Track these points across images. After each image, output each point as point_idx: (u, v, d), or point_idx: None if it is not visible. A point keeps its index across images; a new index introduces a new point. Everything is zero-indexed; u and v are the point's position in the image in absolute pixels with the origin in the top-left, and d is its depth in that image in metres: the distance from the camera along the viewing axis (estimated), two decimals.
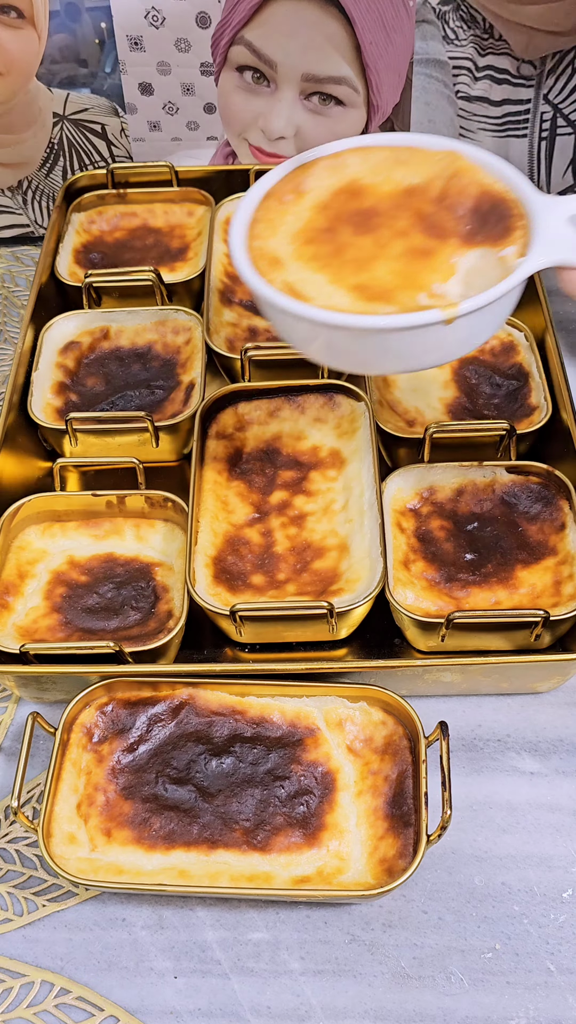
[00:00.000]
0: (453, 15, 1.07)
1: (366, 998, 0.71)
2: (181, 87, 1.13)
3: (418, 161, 0.74)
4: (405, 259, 0.70)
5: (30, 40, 1.09)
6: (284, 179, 0.74)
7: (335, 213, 0.73)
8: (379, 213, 0.72)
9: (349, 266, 0.70)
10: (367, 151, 0.75)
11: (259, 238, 0.71)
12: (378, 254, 0.70)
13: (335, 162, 0.74)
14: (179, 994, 0.71)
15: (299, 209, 0.73)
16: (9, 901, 0.76)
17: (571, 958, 0.72)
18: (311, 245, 0.71)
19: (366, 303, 0.68)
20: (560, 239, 0.68)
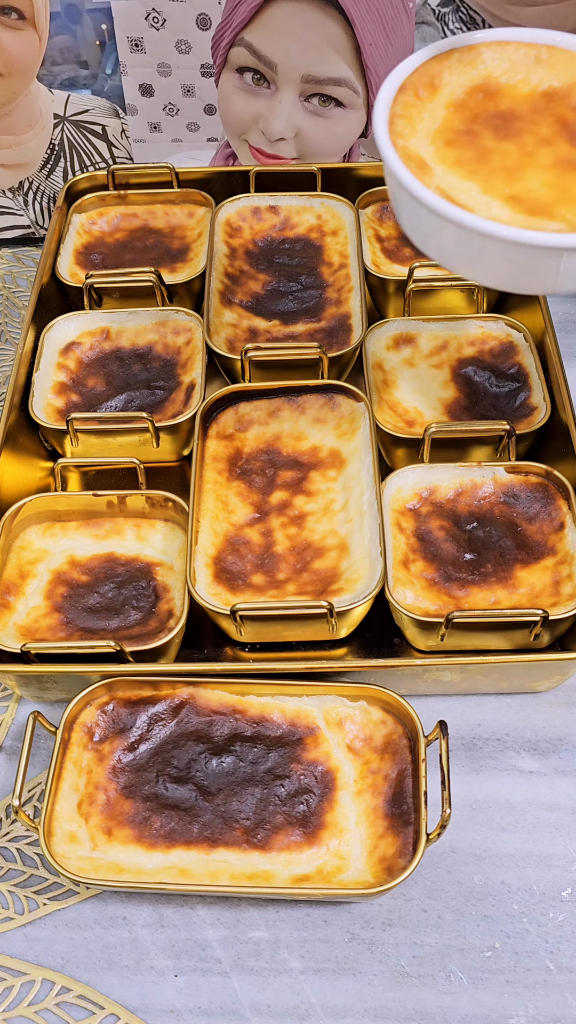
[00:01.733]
0: (452, 17, 1.07)
1: (366, 997, 0.71)
2: (181, 88, 1.13)
3: (560, 62, 0.70)
4: (555, 170, 0.66)
5: (31, 41, 1.09)
6: (417, 70, 0.69)
7: (472, 114, 0.69)
8: (519, 117, 0.69)
9: (498, 174, 0.66)
10: (504, 45, 0.70)
11: (401, 136, 0.67)
12: (526, 162, 0.66)
13: (470, 55, 0.70)
14: (179, 993, 0.72)
15: (434, 106, 0.69)
16: (10, 900, 0.76)
17: (570, 957, 0.72)
18: (453, 148, 0.67)
19: (528, 216, 0.64)
20: None
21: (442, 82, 0.69)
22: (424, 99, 0.69)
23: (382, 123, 0.66)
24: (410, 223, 0.68)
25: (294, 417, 0.95)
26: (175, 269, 1.09)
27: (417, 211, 0.64)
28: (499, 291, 0.71)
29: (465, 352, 1.00)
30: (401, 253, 1.10)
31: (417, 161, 0.66)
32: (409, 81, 0.69)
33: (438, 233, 0.65)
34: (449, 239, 0.65)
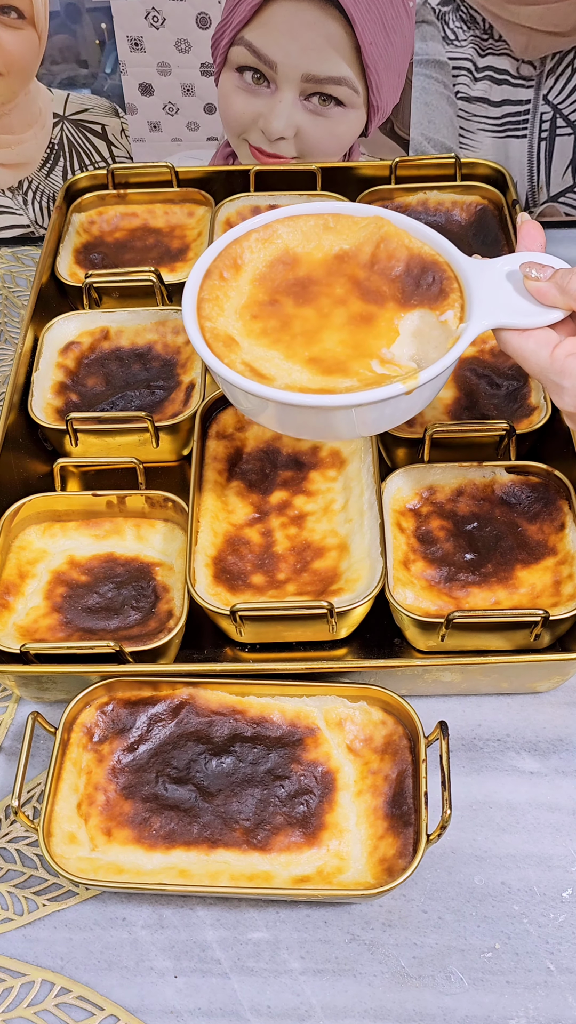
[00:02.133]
0: (453, 16, 1.07)
1: (366, 997, 0.71)
2: (181, 88, 1.13)
3: (345, 227, 0.77)
4: (349, 328, 0.74)
5: (30, 40, 1.09)
6: (219, 255, 0.76)
7: (274, 285, 0.76)
8: (315, 281, 0.76)
9: (299, 340, 0.74)
10: (295, 220, 0.78)
11: (209, 319, 0.74)
12: (323, 324, 0.74)
13: (266, 233, 0.77)
14: (179, 993, 0.71)
15: (239, 284, 0.76)
16: (9, 900, 0.76)
17: (571, 958, 0.72)
18: (258, 320, 0.75)
19: (325, 377, 0.72)
20: (496, 302, 0.71)
21: (244, 261, 0.76)
22: (229, 279, 0.76)
23: (190, 311, 0.74)
24: (229, 395, 0.76)
25: None
26: (175, 268, 1.09)
27: (229, 387, 0.73)
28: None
29: (465, 352, 0.99)
30: None
31: (225, 339, 0.73)
32: (214, 266, 0.76)
33: (249, 401, 0.72)
34: (258, 406, 0.73)
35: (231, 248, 0.77)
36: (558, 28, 1.06)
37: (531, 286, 0.70)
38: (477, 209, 1.13)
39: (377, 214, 0.77)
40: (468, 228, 1.13)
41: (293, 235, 0.78)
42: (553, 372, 0.68)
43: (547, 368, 0.68)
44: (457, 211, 1.13)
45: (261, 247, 0.77)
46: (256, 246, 0.77)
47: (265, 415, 0.74)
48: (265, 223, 0.78)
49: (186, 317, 0.73)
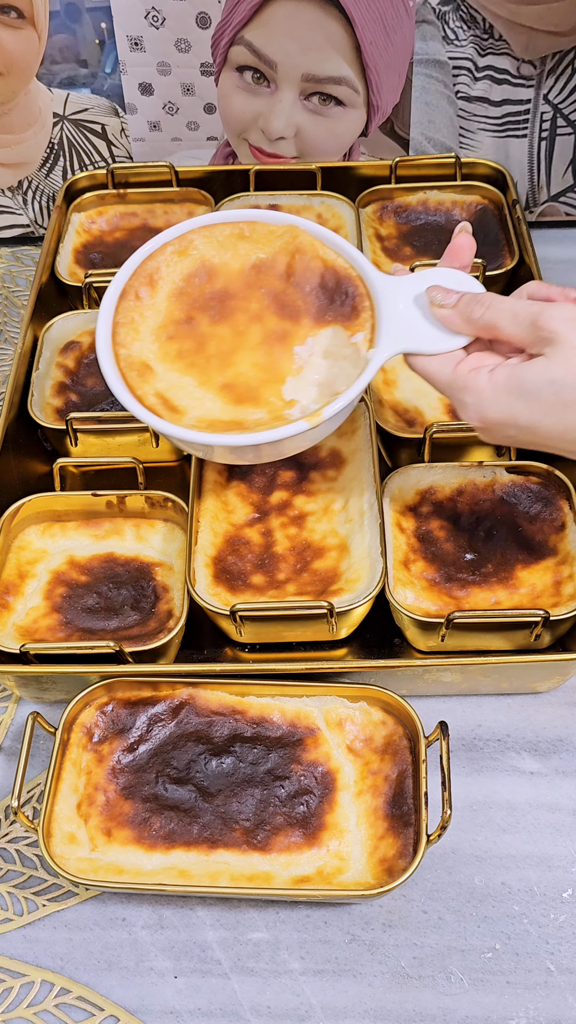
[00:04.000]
0: (453, 15, 1.07)
1: (366, 998, 0.71)
2: (181, 87, 1.13)
3: (261, 235, 0.77)
4: (264, 347, 0.75)
5: (30, 40, 1.09)
6: (134, 274, 0.76)
7: (191, 300, 0.76)
8: (232, 295, 0.76)
9: (213, 363, 0.74)
10: (211, 229, 0.77)
11: (124, 345, 0.74)
12: (238, 344, 0.75)
13: (181, 245, 0.77)
14: (179, 994, 0.71)
15: (156, 302, 0.76)
16: (9, 901, 0.76)
17: (571, 958, 0.72)
18: (174, 341, 0.75)
19: (236, 407, 0.73)
20: (404, 325, 0.72)
21: (161, 276, 0.76)
22: (144, 299, 0.75)
23: (104, 338, 0.74)
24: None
25: None
26: None
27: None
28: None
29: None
30: (401, 253, 1.10)
31: (139, 367, 0.73)
32: (129, 285, 0.75)
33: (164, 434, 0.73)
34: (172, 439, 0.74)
35: (147, 264, 0.76)
36: (558, 28, 1.06)
37: (437, 312, 0.71)
38: (477, 209, 1.13)
39: (291, 223, 0.77)
40: None
41: (209, 245, 0.77)
42: (455, 388, 0.69)
43: (450, 384, 0.69)
44: (457, 211, 1.13)
45: (177, 260, 0.77)
46: (172, 259, 0.77)
47: (176, 443, 0.76)
48: (180, 234, 0.77)
49: (99, 346, 0.74)
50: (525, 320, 0.66)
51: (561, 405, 0.65)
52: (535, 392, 0.65)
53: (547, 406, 0.65)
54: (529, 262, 1.03)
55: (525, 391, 0.65)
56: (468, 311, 0.69)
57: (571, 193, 1.19)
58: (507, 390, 0.66)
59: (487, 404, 0.67)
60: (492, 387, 0.66)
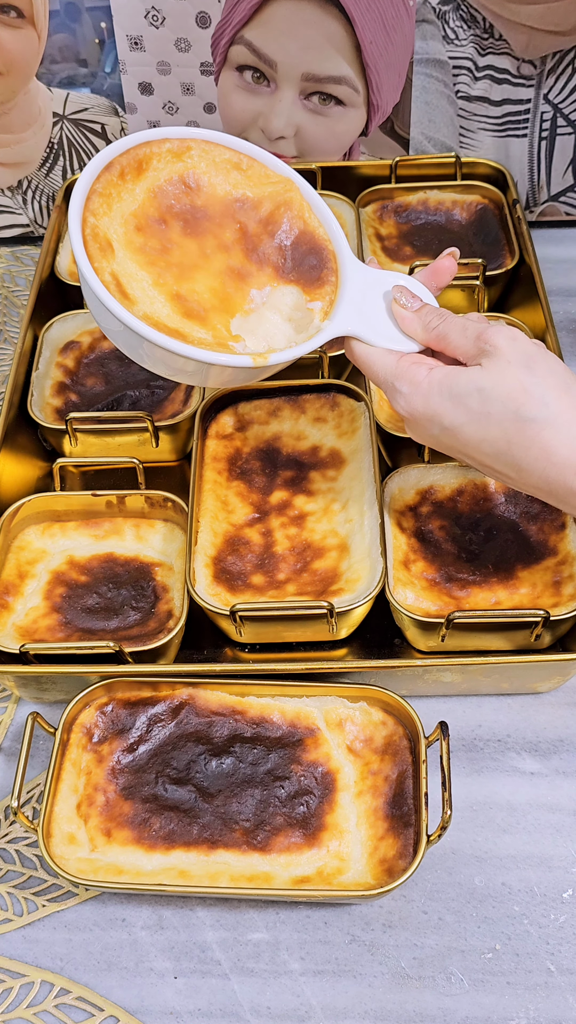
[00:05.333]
0: (453, 15, 1.07)
1: (366, 998, 0.71)
2: (181, 87, 1.13)
3: (256, 174, 0.77)
4: (224, 277, 0.75)
5: (30, 40, 1.09)
6: (127, 152, 0.74)
7: (168, 203, 0.75)
8: (208, 217, 0.76)
9: (173, 270, 0.74)
10: (212, 146, 0.77)
11: (94, 214, 0.72)
12: (200, 264, 0.75)
13: (180, 147, 0.76)
14: (179, 994, 0.71)
15: (135, 189, 0.74)
16: (9, 901, 0.76)
17: (571, 958, 0.72)
18: (141, 234, 0.74)
19: (183, 319, 0.72)
20: (362, 311, 0.74)
21: (149, 167, 0.75)
22: (127, 180, 0.74)
23: (78, 199, 0.71)
24: (86, 299, 0.73)
25: (294, 416, 0.95)
26: None
27: (90, 295, 0.70)
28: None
29: None
30: (401, 252, 1.10)
31: (103, 242, 0.71)
32: (117, 160, 0.73)
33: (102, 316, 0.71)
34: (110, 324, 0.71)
35: (140, 148, 0.75)
36: (559, 27, 1.06)
37: (397, 311, 0.74)
38: (477, 208, 1.13)
39: (289, 176, 0.77)
40: (468, 227, 1.12)
41: (204, 160, 0.77)
42: (394, 376, 0.71)
43: (390, 373, 0.71)
44: (457, 210, 1.13)
45: (170, 159, 0.76)
46: (165, 156, 0.76)
47: (114, 334, 0.73)
48: (181, 136, 0.76)
49: (72, 206, 0.71)
50: (472, 334, 0.69)
51: (484, 415, 0.67)
52: (462, 396, 0.67)
53: (471, 413, 0.67)
54: (529, 262, 1.03)
55: (454, 393, 0.68)
56: (427, 319, 0.72)
57: (571, 193, 1.19)
58: (439, 389, 0.69)
59: (418, 398, 0.69)
60: (428, 382, 0.69)
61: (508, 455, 0.67)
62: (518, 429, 0.66)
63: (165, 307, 0.73)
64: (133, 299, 0.71)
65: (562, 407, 0.66)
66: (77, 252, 0.70)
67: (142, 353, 0.73)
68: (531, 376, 0.66)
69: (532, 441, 0.66)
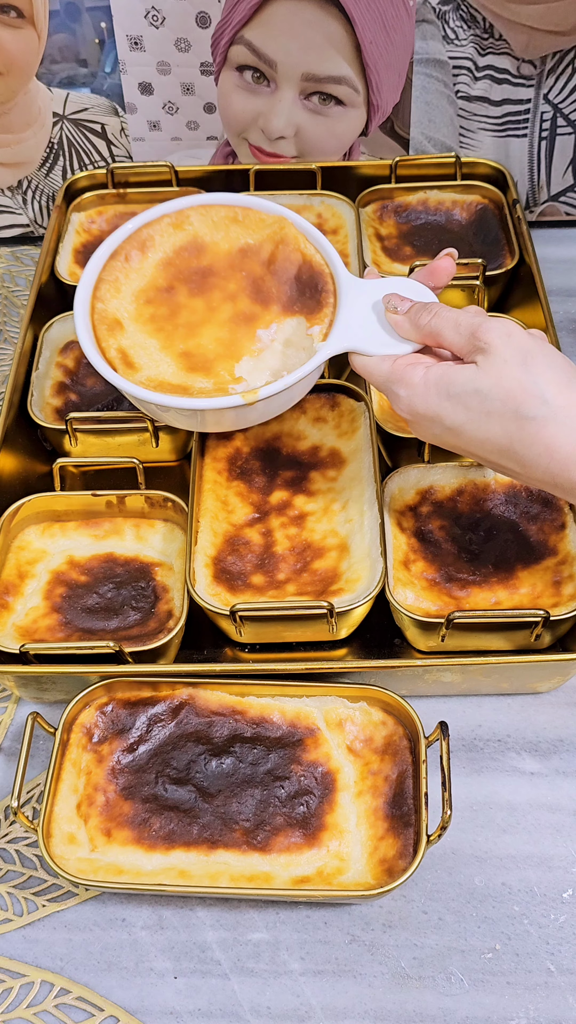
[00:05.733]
0: (453, 15, 1.07)
1: (366, 998, 0.71)
2: (181, 87, 1.13)
3: (253, 222, 0.82)
4: (230, 325, 0.79)
5: (30, 40, 1.09)
6: (129, 238, 0.80)
7: (176, 271, 0.80)
8: (214, 273, 0.81)
9: (180, 331, 0.79)
10: (208, 208, 0.82)
11: (101, 300, 0.78)
12: (208, 318, 0.80)
13: (178, 219, 0.81)
14: (179, 994, 0.71)
15: (143, 267, 0.80)
16: (9, 901, 0.76)
17: (571, 958, 0.72)
18: (150, 305, 0.80)
19: (187, 374, 0.78)
20: (358, 326, 0.76)
21: (154, 244, 0.80)
22: (133, 261, 0.80)
23: (85, 290, 0.78)
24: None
25: (294, 416, 0.95)
26: None
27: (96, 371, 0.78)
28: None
29: None
30: (402, 252, 1.10)
31: (111, 323, 0.78)
32: (121, 247, 0.79)
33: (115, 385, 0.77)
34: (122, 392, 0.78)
35: (142, 231, 0.80)
36: (559, 27, 1.06)
37: (390, 318, 0.74)
38: (477, 208, 1.13)
39: (281, 215, 0.81)
40: (468, 227, 1.12)
41: (203, 223, 0.81)
42: (392, 380, 0.72)
43: (387, 378, 0.72)
44: (457, 210, 1.13)
45: (171, 232, 0.81)
46: (167, 230, 0.80)
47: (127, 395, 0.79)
48: (178, 209, 0.81)
49: (78, 296, 0.77)
50: (466, 330, 0.69)
51: (484, 414, 0.67)
52: (461, 396, 0.68)
53: (471, 412, 0.68)
54: (529, 262, 1.03)
55: (452, 393, 0.68)
56: (416, 318, 0.72)
57: (571, 193, 1.19)
58: (437, 389, 0.69)
59: (418, 399, 0.70)
60: (424, 383, 0.69)
61: (511, 452, 0.67)
62: (519, 427, 0.66)
63: (171, 367, 0.79)
64: (138, 367, 0.78)
65: (562, 402, 0.66)
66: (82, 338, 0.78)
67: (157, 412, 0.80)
68: (528, 374, 0.66)
69: (534, 439, 0.66)
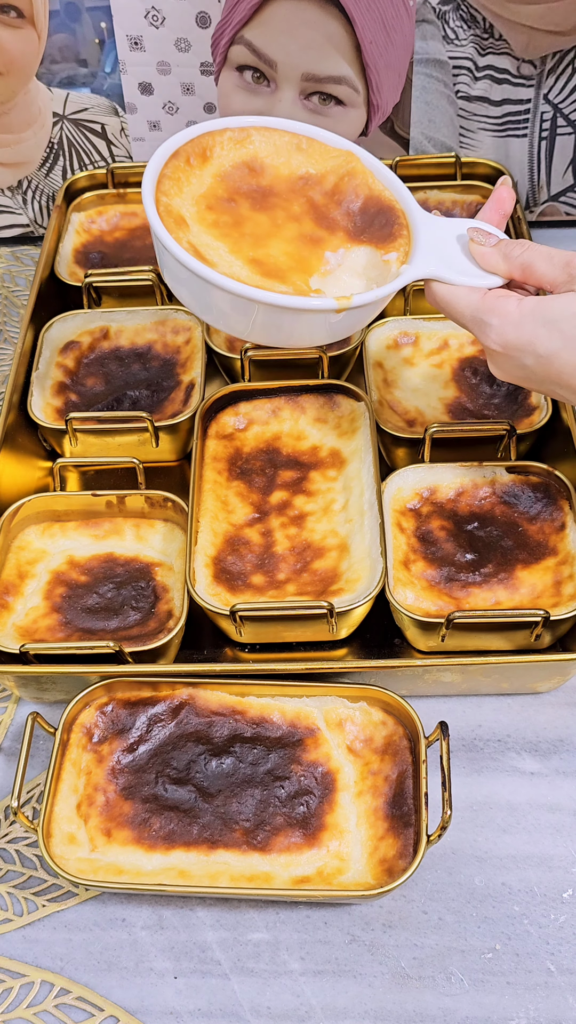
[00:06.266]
0: (453, 15, 1.07)
1: (366, 998, 0.71)
2: (181, 87, 1.13)
3: (317, 152, 0.80)
4: (297, 242, 0.76)
5: (30, 40, 1.09)
6: (191, 141, 0.77)
7: (235, 185, 0.78)
8: (275, 193, 0.78)
9: (247, 239, 0.75)
10: (272, 132, 0.80)
11: (166, 195, 0.74)
12: (273, 233, 0.76)
13: (241, 135, 0.79)
14: (179, 994, 0.71)
15: (202, 174, 0.77)
16: (9, 901, 0.76)
17: (571, 958, 0.72)
18: (212, 212, 0.76)
19: (262, 278, 0.73)
20: (439, 256, 0.74)
21: (213, 155, 0.78)
22: (194, 166, 0.77)
23: (150, 181, 0.74)
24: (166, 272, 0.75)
25: (294, 417, 0.95)
26: None
27: (168, 262, 0.73)
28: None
29: (466, 351, 0.99)
30: None
31: (177, 217, 0.74)
32: (183, 149, 0.77)
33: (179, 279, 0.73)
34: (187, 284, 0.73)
35: (203, 138, 0.78)
36: (559, 27, 1.06)
37: (475, 250, 0.73)
38: (477, 208, 1.13)
39: (349, 149, 0.80)
40: None
41: (265, 145, 0.79)
42: (482, 311, 0.70)
43: (477, 309, 0.71)
44: (457, 210, 1.13)
45: (232, 147, 0.79)
46: (228, 144, 0.79)
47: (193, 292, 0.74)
48: (242, 126, 0.79)
49: (145, 186, 0.74)
50: (560, 261, 0.69)
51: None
52: (559, 322, 0.66)
53: (566, 338, 0.66)
54: None
55: (549, 319, 0.67)
56: (507, 250, 0.72)
57: (571, 193, 1.19)
58: (532, 316, 0.68)
59: (510, 328, 0.68)
60: (519, 312, 0.68)
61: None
62: None
63: (244, 270, 0.74)
64: (212, 263, 0.73)
65: None
66: (155, 226, 0.71)
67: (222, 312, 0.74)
68: None
69: None
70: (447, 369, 0.98)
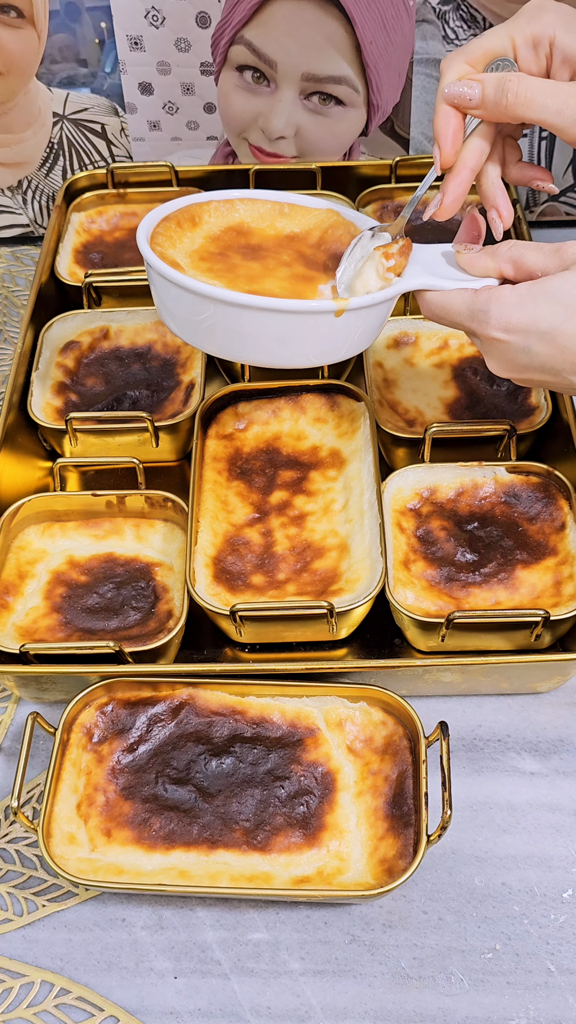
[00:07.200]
0: (453, 15, 1.07)
1: (366, 998, 0.71)
2: (181, 87, 1.13)
3: (299, 215, 0.83)
4: (290, 280, 0.78)
5: (30, 40, 1.09)
6: (180, 210, 0.80)
7: (226, 243, 0.80)
8: (265, 248, 0.81)
9: (242, 279, 0.77)
10: (254, 202, 0.83)
11: (160, 246, 0.77)
12: (266, 275, 0.78)
13: (226, 206, 0.82)
14: (179, 994, 0.71)
15: (193, 235, 0.80)
16: (9, 901, 0.76)
17: (571, 958, 0.72)
18: (206, 262, 0.78)
19: None
20: (426, 270, 0.75)
21: (202, 220, 0.81)
22: (185, 229, 0.80)
23: (144, 235, 0.76)
24: (160, 299, 0.76)
25: (294, 417, 0.95)
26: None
27: (158, 282, 0.74)
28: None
29: (466, 351, 0.99)
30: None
31: (171, 262, 0.75)
32: (172, 215, 0.80)
33: (171, 300, 0.74)
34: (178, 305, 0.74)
35: (192, 208, 0.81)
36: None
37: (463, 258, 0.74)
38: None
39: (329, 207, 0.82)
40: None
41: (250, 212, 0.82)
42: (478, 305, 0.70)
43: (471, 304, 0.70)
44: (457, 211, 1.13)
45: (219, 214, 0.81)
46: (215, 212, 0.81)
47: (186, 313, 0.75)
48: (227, 198, 0.82)
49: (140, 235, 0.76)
50: (549, 249, 0.69)
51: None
52: (558, 294, 0.66)
53: (569, 308, 0.66)
54: None
55: (549, 292, 0.67)
56: (494, 250, 0.72)
57: (571, 193, 1.19)
58: (531, 295, 0.68)
59: (511, 309, 0.68)
60: (516, 295, 0.68)
61: None
62: None
63: None
64: None
65: None
66: (147, 255, 0.73)
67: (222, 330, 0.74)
68: None
69: None
70: (447, 369, 0.98)
